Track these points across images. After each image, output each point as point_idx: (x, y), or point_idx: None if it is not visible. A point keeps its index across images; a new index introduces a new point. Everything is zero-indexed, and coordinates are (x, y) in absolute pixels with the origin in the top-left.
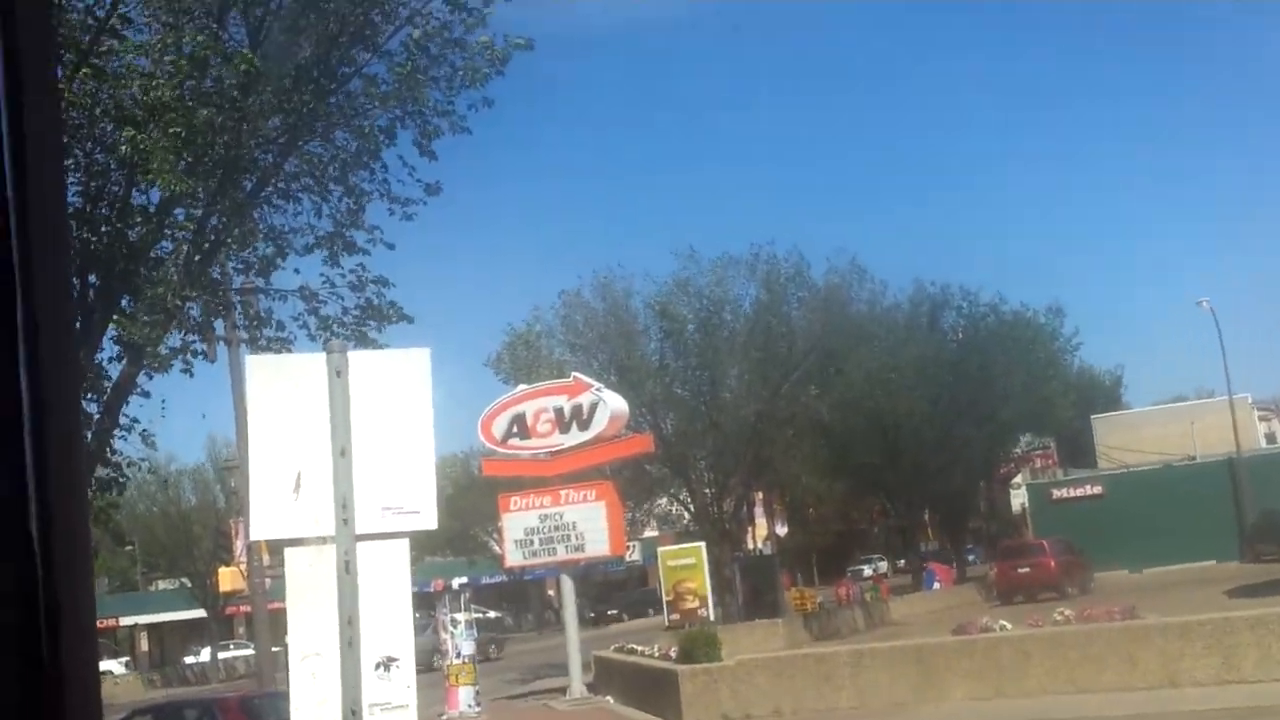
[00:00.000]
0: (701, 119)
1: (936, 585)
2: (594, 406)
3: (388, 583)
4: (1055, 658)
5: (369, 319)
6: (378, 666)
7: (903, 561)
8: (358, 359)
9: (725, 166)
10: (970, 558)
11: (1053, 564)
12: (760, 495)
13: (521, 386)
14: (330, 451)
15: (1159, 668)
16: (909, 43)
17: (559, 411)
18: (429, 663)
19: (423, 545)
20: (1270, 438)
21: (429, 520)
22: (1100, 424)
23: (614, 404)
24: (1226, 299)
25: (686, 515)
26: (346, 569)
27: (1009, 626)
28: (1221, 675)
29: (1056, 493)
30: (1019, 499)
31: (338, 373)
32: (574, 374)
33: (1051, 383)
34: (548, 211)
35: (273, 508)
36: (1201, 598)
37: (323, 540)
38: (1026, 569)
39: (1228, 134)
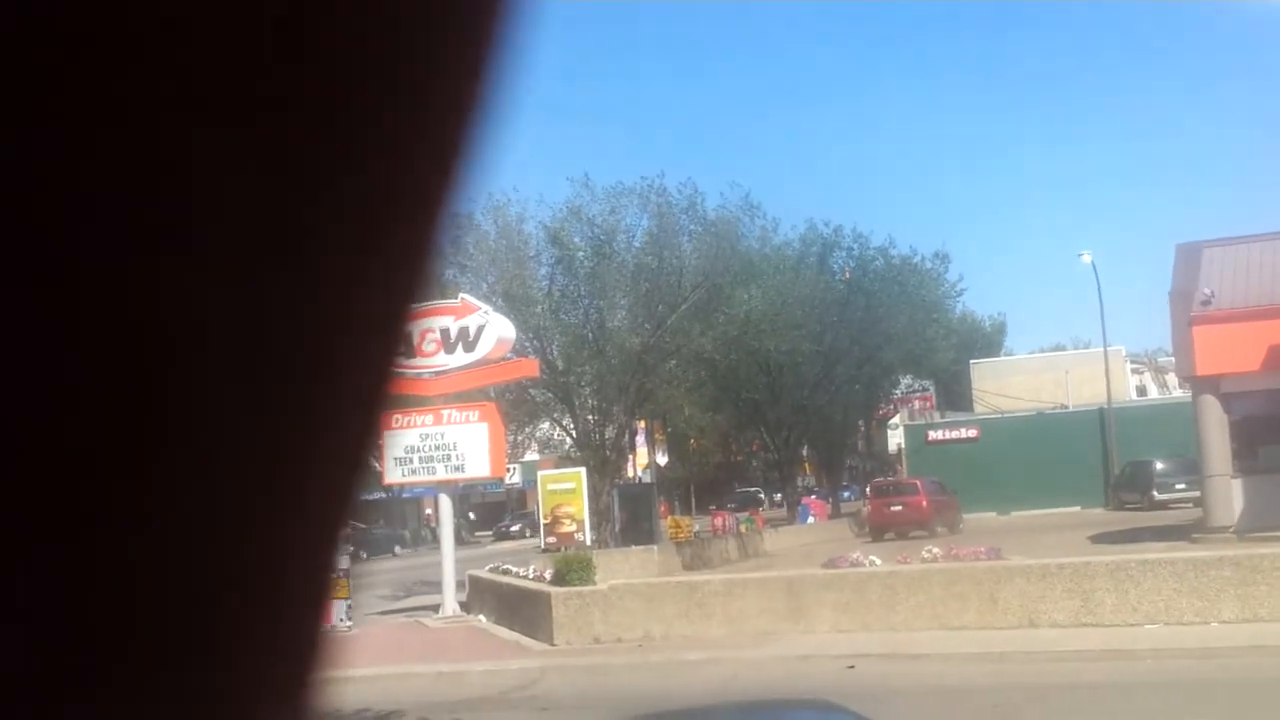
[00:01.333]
0: (604, 44)
1: (811, 519)
2: (480, 329)
3: None
4: (921, 594)
5: None
6: None
7: (779, 496)
8: None
9: (625, 94)
10: (845, 494)
11: (924, 503)
12: (642, 424)
13: None
14: None
15: (1020, 608)
16: None
17: (445, 332)
18: None
19: None
20: (1141, 390)
21: None
22: (978, 369)
23: (501, 328)
24: (1109, 255)
25: (568, 441)
26: None
27: (878, 562)
28: (1080, 618)
29: (932, 434)
30: (896, 439)
31: None
32: (461, 295)
33: (934, 327)
34: None
35: None
36: (1065, 542)
37: None
38: (899, 507)
39: (1129, 92)
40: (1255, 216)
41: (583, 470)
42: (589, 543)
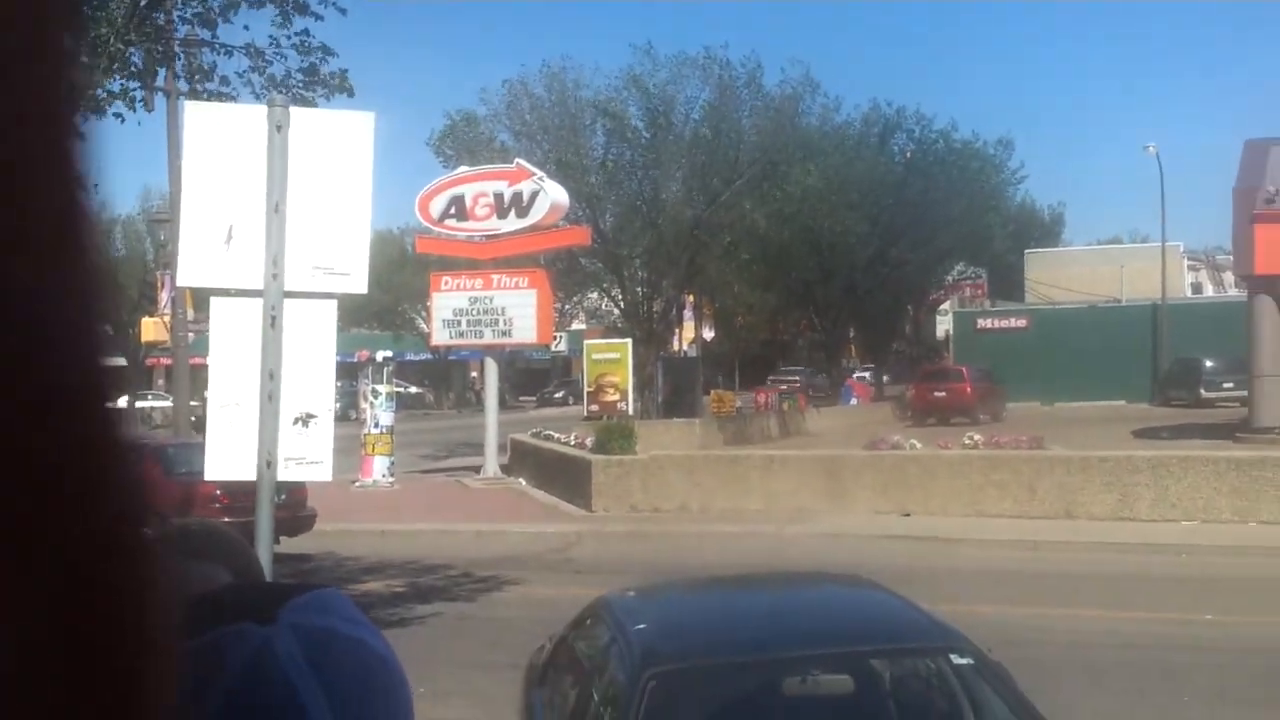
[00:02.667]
0: None
1: (854, 401)
2: (534, 195)
3: (313, 341)
4: (960, 480)
5: (314, 84)
6: (296, 422)
7: (824, 376)
8: (300, 116)
9: None
10: (889, 379)
11: (969, 390)
12: (690, 299)
13: (463, 168)
14: (265, 206)
15: (1058, 499)
16: None
17: (499, 196)
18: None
19: (349, 316)
20: (1197, 288)
21: (359, 284)
22: (1033, 259)
23: (554, 194)
24: (1175, 149)
25: (616, 311)
26: (272, 324)
27: (919, 446)
28: (1117, 511)
29: (981, 322)
30: (944, 326)
31: (278, 127)
32: (517, 160)
33: (991, 214)
34: None
35: (202, 256)
36: (1108, 435)
37: (251, 294)
38: (943, 393)
39: None
40: None
41: (629, 341)
42: (631, 413)
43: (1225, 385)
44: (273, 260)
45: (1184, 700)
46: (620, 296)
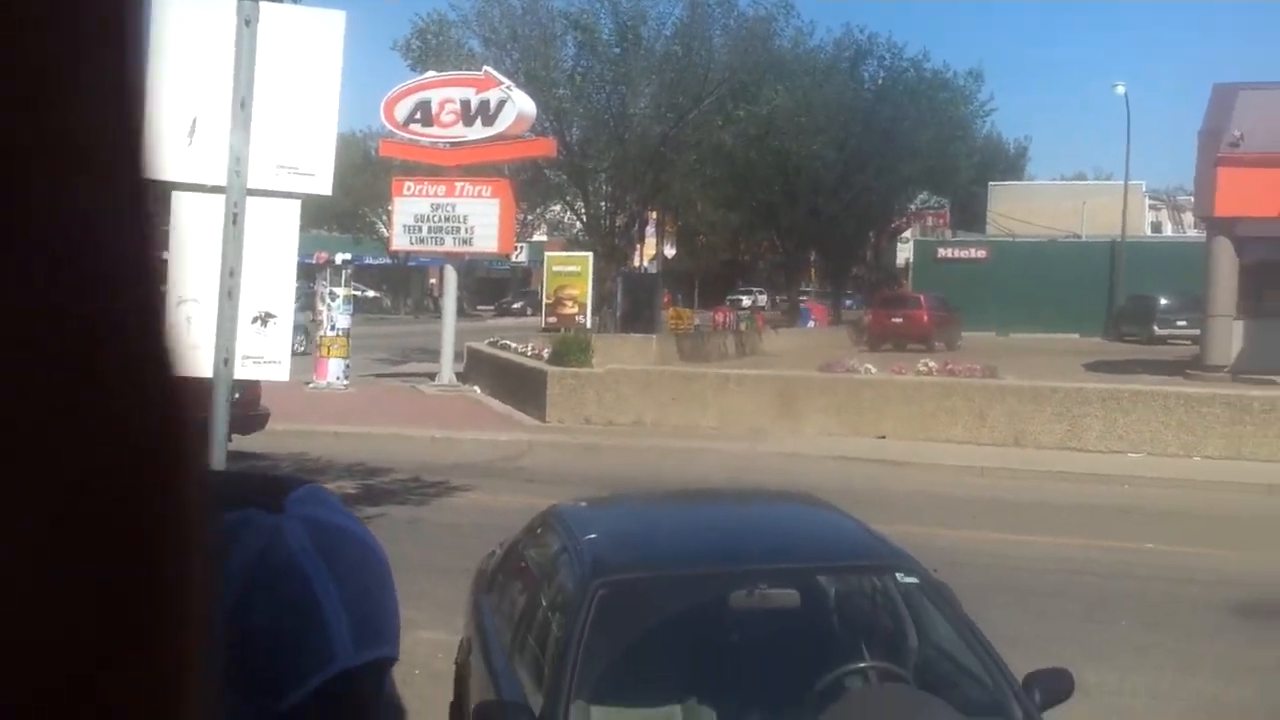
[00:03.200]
0: None
1: (811, 324)
2: (501, 103)
3: (274, 241)
4: (912, 405)
5: None
6: (255, 320)
7: (783, 297)
8: (270, 11)
9: None
10: (848, 303)
11: (925, 317)
12: (654, 215)
13: (430, 73)
14: (230, 101)
15: (1008, 426)
16: None
17: (465, 104)
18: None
19: (309, 217)
20: (1156, 227)
21: (324, 185)
22: (996, 191)
23: (521, 104)
24: (1143, 90)
25: (578, 225)
26: (234, 221)
27: (873, 370)
28: (1066, 441)
29: (942, 251)
30: (905, 253)
31: (246, 21)
32: (485, 68)
33: (957, 144)
34: None
35: (164, 149)
36: (1061, 366)
37: (213, 190)
38: (899, 319)
39: None
40: None
41: (590, 255)
42: (589, 326)
43: (1179, 323)
44: (236, 157)
45: (1121, 625)
46: (583, 210)
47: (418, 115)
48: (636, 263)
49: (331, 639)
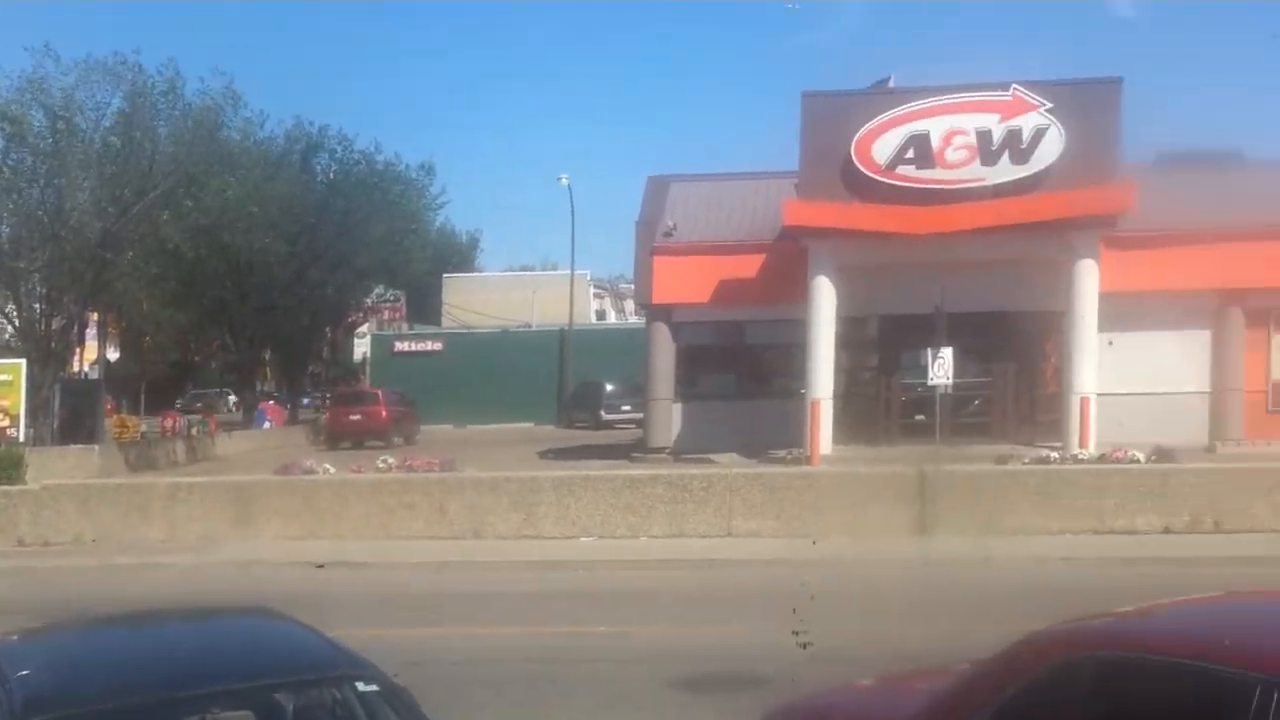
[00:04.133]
0: None
1: (268, 424)
2: None
3: None
4: (372, 503)
5: None
6: None
7: (234, 399)
8: None
9: None
10: (306, 402)
11: (384, 413)
12: (95, 317)
13: None
14: None
15: (468, 519)
16: None
17: None
18: None
19: None
20: (601, 314)
21: None
22: (450, 283)
23: None
24: (586, 185)
25: (10, 330)
26: None
27: (331, 470)
28: (523, 530)
29: (399, 345)
30: (362, 348)
31: None
32: None
33: (412, 237)
34: None
35: None
36: (517, 456)
37: None
38: (358, 416)
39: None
40: (718, 157)
41: (22, 362)
42: (23, 440)
43: (624, 408)
44: None
45: (579, 706)
46: (15, 314)
47: None
48: (76, 368)
49: None
